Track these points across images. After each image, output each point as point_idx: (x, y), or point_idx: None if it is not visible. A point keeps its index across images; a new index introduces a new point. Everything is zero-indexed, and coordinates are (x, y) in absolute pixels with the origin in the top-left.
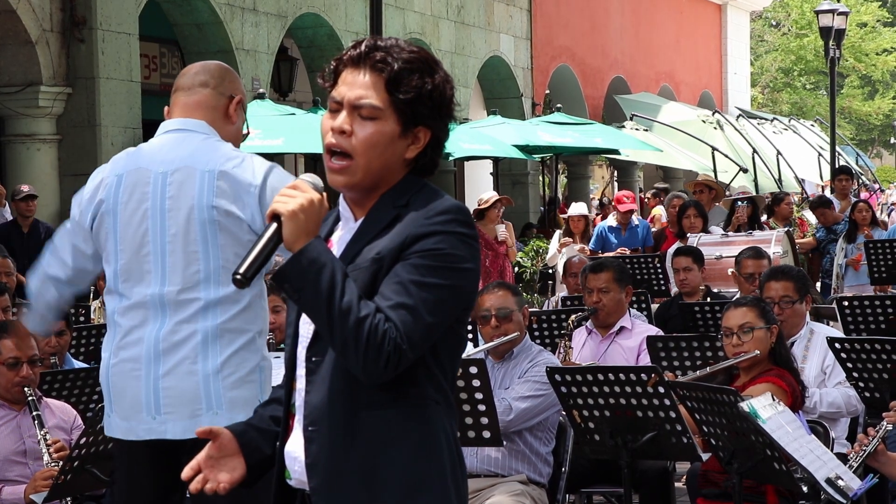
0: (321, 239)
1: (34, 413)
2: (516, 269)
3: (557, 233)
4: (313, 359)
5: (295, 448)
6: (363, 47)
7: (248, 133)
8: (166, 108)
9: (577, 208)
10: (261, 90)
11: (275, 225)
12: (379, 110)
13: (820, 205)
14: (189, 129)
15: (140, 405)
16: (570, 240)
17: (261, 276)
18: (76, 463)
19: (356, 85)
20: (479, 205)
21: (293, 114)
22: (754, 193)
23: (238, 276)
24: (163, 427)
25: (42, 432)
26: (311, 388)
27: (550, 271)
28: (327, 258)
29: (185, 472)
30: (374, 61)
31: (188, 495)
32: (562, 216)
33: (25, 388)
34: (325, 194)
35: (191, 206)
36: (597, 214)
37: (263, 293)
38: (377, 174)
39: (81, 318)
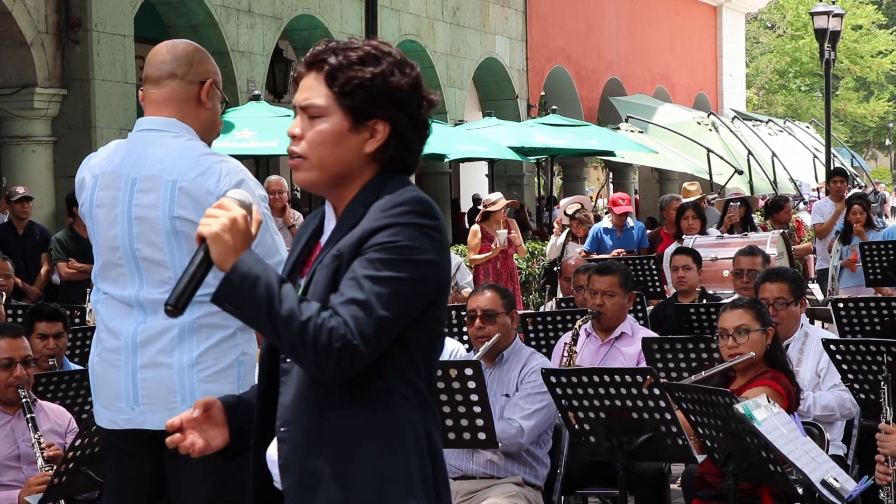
0: (252, 252)
1: (28, 416)
2: None
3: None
4: (287, 360)
5: (273, 451)
6: (312, 52)
7: (227, 104)
8: (140, 92)
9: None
10: (256, 92)
11: (204, 248)
12: (322, 108)
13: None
14: (160, 128)
15: (120, 395)
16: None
17: None
18: (71, 465)
19: (303, 88)
20: (484, 206)
21: (288, 115)
22: (748, 194)
23: (168, 307)
24: (142, 417)
25: (36, 435)
26: (284, 390)
27: (556, 269)
28: (259, 270)
29: (168, 423)
30: (317, 61)
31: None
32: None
33: (20, 390)
34: (253, 208)
35: (155, 216)
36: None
37: None
38: (335, 171)
39: (76, 321)
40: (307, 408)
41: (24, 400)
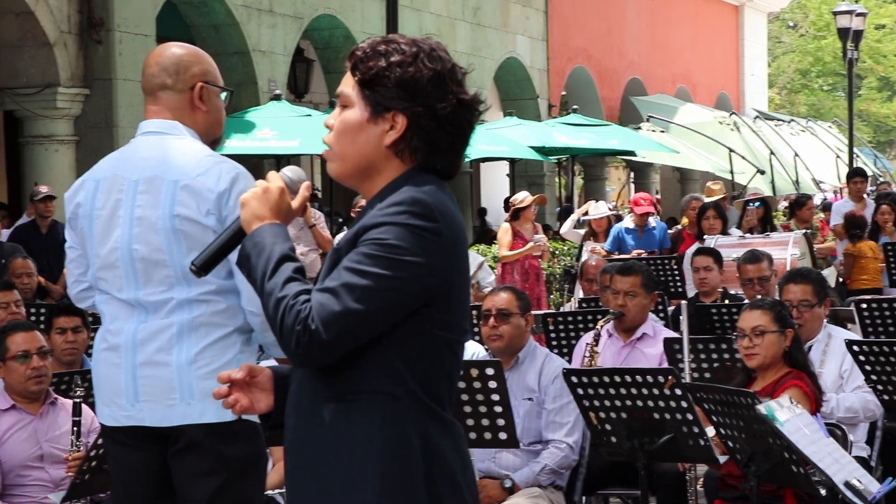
0: (277, 225)
1: (75, 418)
2: None
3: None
4: None
5: None
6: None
7: (231, 92)
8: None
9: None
10: (277, 91)
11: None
12: (348, 97)
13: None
14: (162, 131)
15: (120, 392)
16: (596, 246)
17: None
18: (94, 463)
19: (342, 80)
20: (513, 205)
21: (309, 115)
22: (769, 194)
23: (193, 267)
24: (141, 415)
25: (78, 441)
26: (294, 376)
27: (573, 271)
28: (269, 241)
29: (222, 376)
30: (353, 53)
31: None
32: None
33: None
34: (302, 186)
35: (156, 216)
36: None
37: None
38: (357, 163)
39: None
40: (306, 396)
41: (76, 400)
